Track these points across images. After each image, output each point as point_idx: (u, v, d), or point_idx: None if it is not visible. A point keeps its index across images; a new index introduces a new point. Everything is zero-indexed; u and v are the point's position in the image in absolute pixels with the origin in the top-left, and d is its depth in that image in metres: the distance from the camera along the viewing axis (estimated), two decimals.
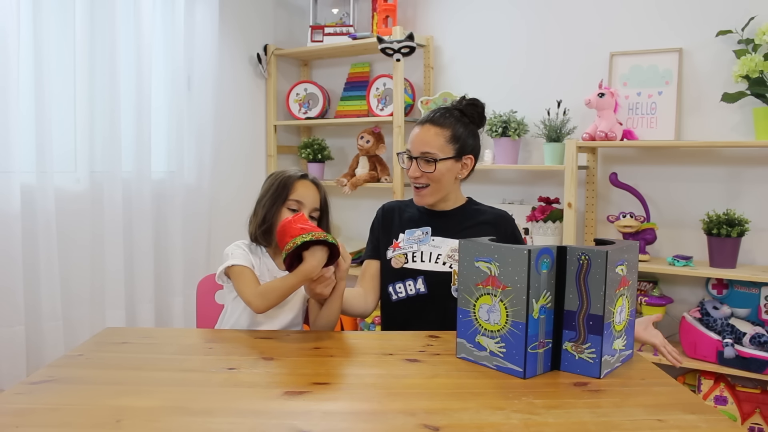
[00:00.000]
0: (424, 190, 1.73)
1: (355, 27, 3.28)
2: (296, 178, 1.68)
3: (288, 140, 3.61)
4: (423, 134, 1.72)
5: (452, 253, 1.71)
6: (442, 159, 1.70)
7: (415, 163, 1.72)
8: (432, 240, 1.75)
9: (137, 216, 2.67)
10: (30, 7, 2.27)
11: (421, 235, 1.77)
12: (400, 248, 1.77)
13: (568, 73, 2.79)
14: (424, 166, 1.71)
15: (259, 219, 1.67)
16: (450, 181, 1.74)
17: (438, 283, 1.71)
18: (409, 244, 1.77)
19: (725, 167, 2.48)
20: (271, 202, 1.67)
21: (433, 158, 1.70)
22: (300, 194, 1.66)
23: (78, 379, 1.21)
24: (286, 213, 1.65)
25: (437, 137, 1.71)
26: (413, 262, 1.74)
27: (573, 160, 2.48)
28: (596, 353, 1.21)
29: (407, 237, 1.78)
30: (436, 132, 1.71)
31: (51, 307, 2.34)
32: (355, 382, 1.22)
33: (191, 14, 2.89)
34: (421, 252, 1.74)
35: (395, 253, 1.77)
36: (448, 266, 1.71)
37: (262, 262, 1.69)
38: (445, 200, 1.78)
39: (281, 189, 1.66)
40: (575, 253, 1.23)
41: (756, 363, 2.18)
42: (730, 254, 2.31)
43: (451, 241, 1.73)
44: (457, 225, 1.77)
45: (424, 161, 1.70)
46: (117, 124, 2.56)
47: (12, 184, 2.22)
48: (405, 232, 1.79)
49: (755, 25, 2.31)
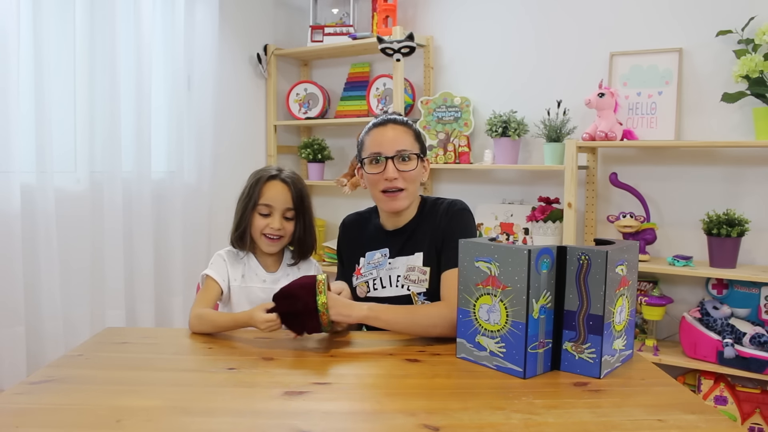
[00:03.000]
0: (400, 194, 1.58)
1: (355, 27, 3.28)
2: (265, 180, 1.64)
3: (288, 140, 3.61)
4: (393, 133, 1.59)
5: (407, 273, 1.60)
6: (418, 156, 1.60)
7: (390, 164, 1.56)
8: (389, 263, 1.64)
9: (137, 216, 2.67)
10: (30, 7, 2.27)
11: (380, 258, 1.66)
12: (362, 275, 1.68)
13: (568, 73, 2.79)
14: (401, 165, 1.57)
15: (234, 224, 1.67)
16: (419, 184, 1.65)
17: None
18: (368, 270, 1.67)
19: (725, 167, 2.48)
20: (243, 206, 1.66)
21: (412, 154, 1.58)
22: (269, 197, 1.63)
23: (78, 379, 1.21)
24: (257, 218, 1.64)
25: (406, 134, 1.61)
26: (374, 290, 1.65)
27: (573, 160, 2.48)
28: (596, 353, 1.21)
29: (367, 261, 1.68)
30: (404, 130, 1.61)
31: (51, 307, 2.34)
32: (355, 382, 1.22)
33: (191, 14, 2.89)
34: (380, 278, 1.64)
35: (358, 281, 1.68)
36: (406, 288, 1.60)
37: (247, 266, 1.69)
38: (408, 208, 1.64)
39: (251, 193, 1.64)
40: (575, 253, 1.23)
41: (756, 363, 2.18)
42: (730, 254, 2.31)
43: (406, 259, 1.62)
44: (412, 237, 1.64)
45: (400, 159, 1.57)
46: (117, 124, 2.56)
47: (12, 184, 2.22)
48: (365, 256, 1.69)
49: (755, 25, 2.31)
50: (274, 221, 1.64)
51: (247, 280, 1.68)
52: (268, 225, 1.64)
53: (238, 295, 1.66)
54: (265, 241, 1.66)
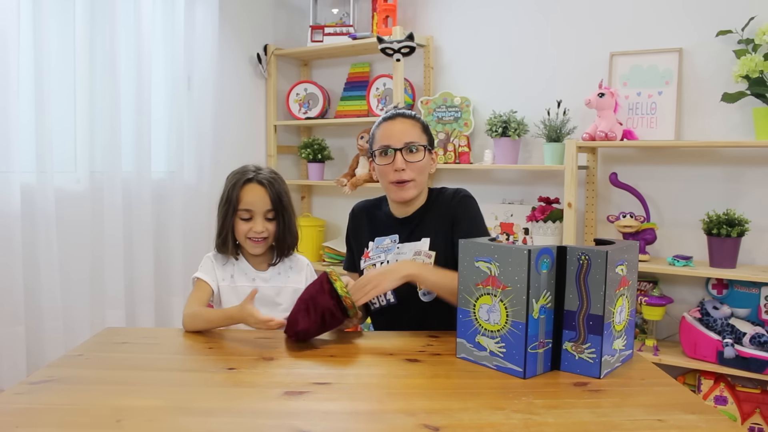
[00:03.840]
0: (408, 184, 1.66)
1: (355, 27, 3.28)
2: (242, 185, 1.64)
3: (288, 140, 3.61)
4: (401, 126, 1.67)
5: (414, 256, 1.66)
6: (425, 147, 1.67)
7: (399, 155, 1.64)
8: (397, 248, 1.70)
9: (137, 216, 2.67)
10: (30, 7, 2.27)
11: (389, 243, 1.73)
12: (370, 258, 1.74)
13: (568, 73, 2.79)
14: (409, 157, 1.65)
15: (218, 229, 1.65)
16: (427, 175, 1.72)
17: (406, 292, 1.65)
18: (377, 253, 1.73)
19: (725, 167, 2.48)
20: (223, 212, 1.65)
21: (420, 146, 1.66)
22: (248, 202, 1.63)
23: (78, 379, 1.21)
24: (240, 223, 1.64)
25: (414, 127, 1.68)
26: None
27: (573, 160, 2.48)
28: (596, 353, 1.21)
29: (376, 246, 1.75)
30: (412, 123, 1.69)
31: (51, 307, 2.34)
32: (355, 382, 1.22)
33: (191, 14, 2.90)
34: (387, 261, 1.69)
35: (366, 264, 1.74)
36: None
37: (236, 266, 1.69)
38: (417, 197, 1.72)
39: (229, 197, 1.64)
40: (575, 253, 1.23)
41: (756, 363, 2.18)
42: (730, 254, 2.31)
43: (414, 245, 1.68)
44: (420, 224, 1.71)
45: (409, 151, 1.65)
46: (117, 124, 2.56)
47: (12, 184, 2.22)
48: (375, 240, 1.76)
49: (755, 25, 2.31)
50: (256, 224, 1.63)
51: (236, 279, 1.68)
52: (251, 229, 1.63)
53: (228, 294, 1.67)
54: (251, 244, 1.66)
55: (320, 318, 1.43)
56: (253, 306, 1.46)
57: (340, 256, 3.28)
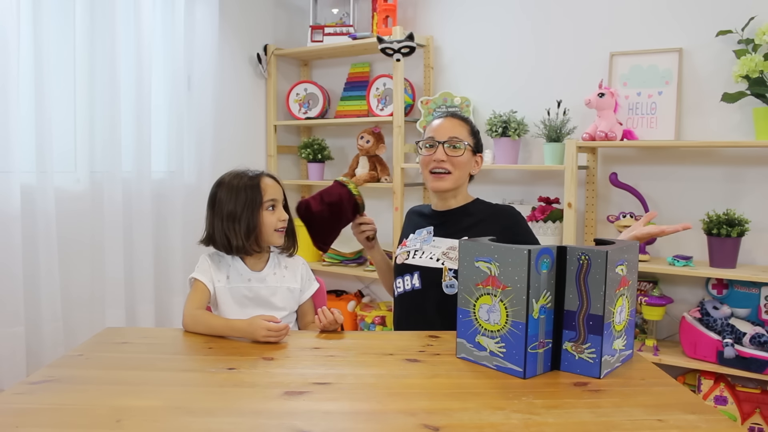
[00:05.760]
0: (445, 176, 1.79)
1: (355, 27, 3.28)
2: (259, 180, 1.68)
3: (288, 140, 3.61)
4: (449, 123, 1.82)
5: (448, 251, 1.76)
6: (468, 146, 1.80)
7: (441, 148, 1.78)
8: (433, 240, 1.82)
9: (137, 216, 2.67)
10: (30, 7, 2.27)
11: (426, 234, 1.84)
12: (406, 246, 1.86)
13: (568, 73, 2.79)
14: (450, 151, 1.78)
15: (244, 229, 1.64)
16: (466, 173, 1.83)
17: (430, 279, 1.76)
18: (413, 242, 1.85)
19: (725, 167, 2.48)
20: (249, 210, 1.65)
21: (462, 143, 1.78)
22: (271, 193, 1.68)
23: (78, 379, 1.21)
24: (268, 215, 1.66)
25: (462, 128, 1.83)
26: (412, 259, 1.82)
27: (573, 160, 2.48)
28: (596, 353, 1.21)
29: (415, 236, 1.87)
30: (460, 124, 1.84)
31: (51, 307, 2.34)
32: (355, 382, 1.22)
33: (191, 14, 2.89)
34: (423, 250, 1.81)
35: (401, 251, 1.87)
36: (441, 263, 1.75)
37: (232, 267, 1.69)
38: (455, 195, 1.85)
39: (254, 194, 1.66)
40: (575, 253, 1.23)
41: (756, 363, 2.18)
42: (730, 254, 2.31)
43: (450, 241, 1.78)
44: (457, 224, 1.82)
45: (451, 146, 1.78)
46: (117, 124, 2.56)
47: (12, 184, 2.22)
48: (415, 232, 1.88)
49: (755, 25, 2.31)
50: (281, 213, 1.69)
51: (232, 280, 1.68)
52: (278, 219, 1.67)
53: (223, 295, 1.67)
54: (278, 235, 1.69)
55: (333, 206, 1.78)
56: (262, 319, 1.46)
57: (340, 256, 3.28)
